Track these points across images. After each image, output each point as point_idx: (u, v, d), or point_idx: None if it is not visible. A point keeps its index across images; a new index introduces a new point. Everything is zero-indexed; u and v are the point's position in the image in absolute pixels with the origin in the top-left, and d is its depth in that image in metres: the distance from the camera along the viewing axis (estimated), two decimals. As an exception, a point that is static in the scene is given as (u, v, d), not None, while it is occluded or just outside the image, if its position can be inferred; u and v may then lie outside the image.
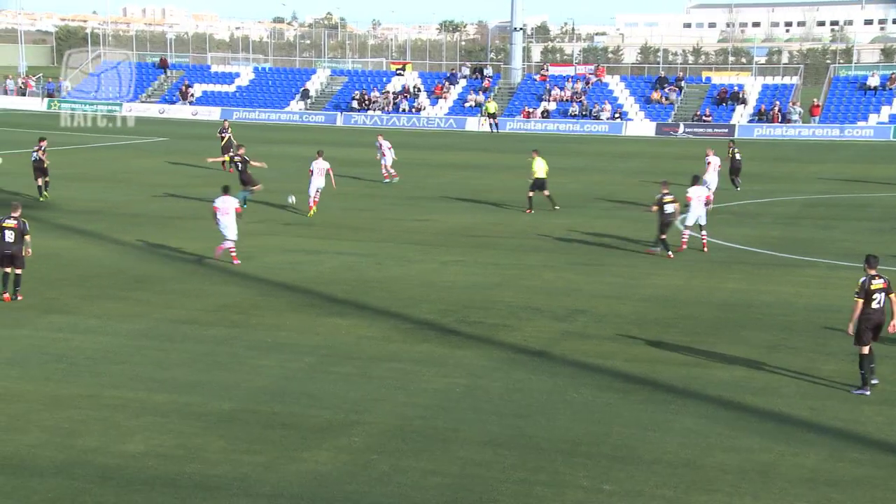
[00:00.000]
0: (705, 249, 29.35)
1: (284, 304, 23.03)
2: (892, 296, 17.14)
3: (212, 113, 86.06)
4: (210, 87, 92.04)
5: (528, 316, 22.13)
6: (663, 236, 28.56)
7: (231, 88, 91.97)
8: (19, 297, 22.80)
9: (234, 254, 27.06)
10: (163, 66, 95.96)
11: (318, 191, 35.91)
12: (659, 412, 16.19)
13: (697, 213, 29.37)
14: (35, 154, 38.71)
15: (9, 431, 15.01)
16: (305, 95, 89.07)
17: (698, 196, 29.37)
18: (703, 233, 29.69)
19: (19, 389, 16.90)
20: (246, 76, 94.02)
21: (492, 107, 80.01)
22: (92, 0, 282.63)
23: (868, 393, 17.18)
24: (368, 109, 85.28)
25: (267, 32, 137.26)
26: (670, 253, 28.45)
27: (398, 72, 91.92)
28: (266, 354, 19.07)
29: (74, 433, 14.95)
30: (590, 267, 27.50)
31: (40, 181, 38.77)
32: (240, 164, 36.01)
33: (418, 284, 25.09)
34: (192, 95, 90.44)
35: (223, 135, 48.61)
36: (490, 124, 78.87)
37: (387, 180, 45.07)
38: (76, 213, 35.08)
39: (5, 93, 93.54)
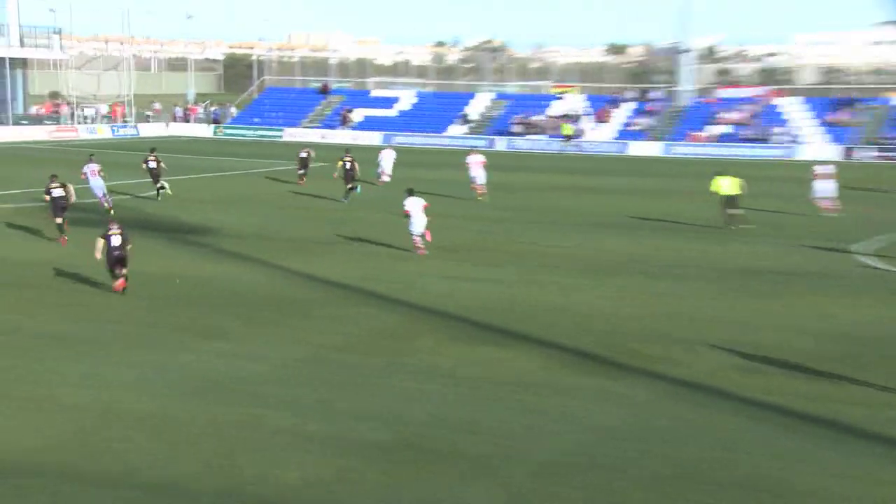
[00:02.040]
0: None
1: (442, 332, 22.61)
2: None
3: (372, 137, 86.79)
4: (371, 112, 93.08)
5: (694, 348, 21.20)
6: None
7: (392, 113, 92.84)
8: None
9: (418, 244, 30.80)
10: (324, 91, 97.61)
11: (482, 183, 44.80)
12: (840, 454, 15.12)
13: None
14: (153, 163, 44.87)
15: (168, 458, 14.98)
16: (466, 120, 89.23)
17: None
18: None
19: (179, 415, 16.91)
20: (407, 100, 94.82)
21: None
22: (259, 28, 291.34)
23: None
24: (530, 133, 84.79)
25: (429, 57, 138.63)
26: None
27: (559, 95, 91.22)
28: (424, 384, 18.69)
29: (233, 461, 14.81)
30: (761, 298, 26.26)
31: (157, 184, 44.89)
32: (348, 164, 44.91)
33: (579, 314, 24.39)
34: (353, 120, 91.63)
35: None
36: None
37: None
38: (232, 238, 35.20)
39: (174, 119, 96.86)
